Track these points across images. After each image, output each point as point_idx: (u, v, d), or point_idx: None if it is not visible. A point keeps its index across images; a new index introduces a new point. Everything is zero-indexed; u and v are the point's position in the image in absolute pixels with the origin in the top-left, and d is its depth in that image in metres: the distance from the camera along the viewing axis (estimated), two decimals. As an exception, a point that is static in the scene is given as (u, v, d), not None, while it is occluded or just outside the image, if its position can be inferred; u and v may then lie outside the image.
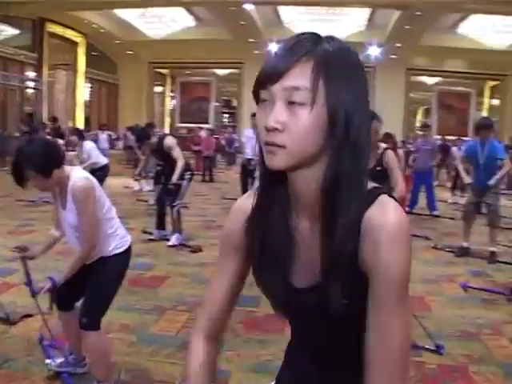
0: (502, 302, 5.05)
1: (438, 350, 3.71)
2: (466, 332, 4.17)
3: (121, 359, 3.33)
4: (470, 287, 5.35)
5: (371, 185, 0.99)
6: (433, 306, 4.68)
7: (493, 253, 6.71)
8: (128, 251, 2.92)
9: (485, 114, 26.59)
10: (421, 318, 4.27)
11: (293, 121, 0.90)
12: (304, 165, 0.95)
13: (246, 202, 1.10)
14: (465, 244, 6.95)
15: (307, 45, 0.91)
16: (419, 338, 3.85)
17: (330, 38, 0.95)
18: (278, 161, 0.92)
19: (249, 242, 1.07)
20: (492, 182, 6.46)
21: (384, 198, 0.96)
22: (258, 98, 0.97)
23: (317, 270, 0.98)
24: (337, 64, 0.91)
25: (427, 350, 3.72)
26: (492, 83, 28.60)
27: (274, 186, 1.03)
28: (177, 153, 6.59)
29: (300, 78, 0.89)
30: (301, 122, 0.90)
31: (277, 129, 0.90)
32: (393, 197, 0.98)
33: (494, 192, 6.75)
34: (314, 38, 0.93)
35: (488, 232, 6.90)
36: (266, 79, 0.92)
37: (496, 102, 28.58)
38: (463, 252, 6.87)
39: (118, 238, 2.85)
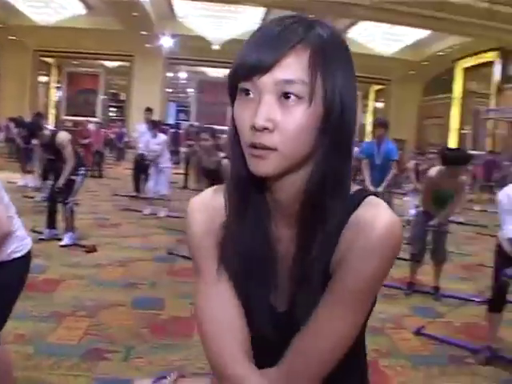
0: (401, 296, 5.30)
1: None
2: (371, 327, 4.24)
3: (20, 374, 2.95)
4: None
5: (355, 187, 0.90)
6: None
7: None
8: (28, 255, 2.62)
9: (369, 115, 28.20)
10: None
11: (285, 119, 0.77)
12: (292, 169, 0.82)
13: (213, 200, 0.94)
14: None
15: (299, 30, 0.78)
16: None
17: (321, 22, 0.82)
18: (266, 166, 0.79)
19: (226, 257, 0.91)
20: (380, 189, 6.63)
21: (372, 199, 0.87)
22: (233, 92, 0.83)
23: (287, 287, 0.90)
24: (333, 53, 0.80)
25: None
26: (377, 87, 30.22)
27: (251, 193, 0.88)
28: (68, 152, 6.16)
29: (295, 69, 0.76)
30: (295, 119, 0.77)
31: (267, 128, 0.77)
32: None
33: (388, 191, 7.03)
34: (305, 22, 0.80)
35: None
36: (251, 71, 0.77)
37: (380, 104, 30.24)
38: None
39: (17, 240, 2.55)
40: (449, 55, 22.47)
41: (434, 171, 5.23)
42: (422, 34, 21.14)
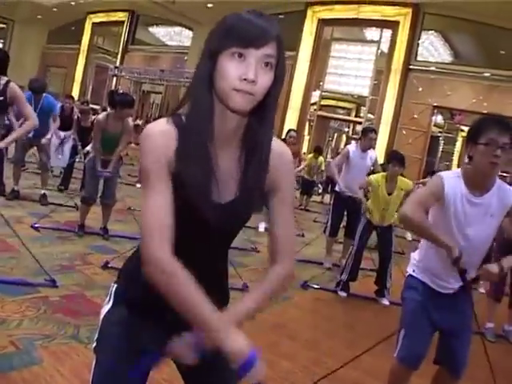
0: (75, 237, 5.58)
1: (52, 284, 3.89)
2: (63, 266, 4.46)
3: None
4: (40, 227, 5.56)
5: None
6: (18, 248, 4.66)
7: (44, 195, 7.02)
8: None
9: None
10: (12, 258, 4.33)
11: (262, 77, 1.20)
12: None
13: (166, 128, 1.25)
14: (15, 187, 6.96)
15: (276, 28, 1.23)
16: (27, 276, 3.96)
17: (275, 22, 1.26)
18: (245, 104, 1.20)
19: (180, 167, 1.23)
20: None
21: (274, 137, 1.37)
22: (218, 51, 1.20)
23: (232, 189, 1.30)
24: (283, 47, 1.25)
25: (42, 285, 3.86)
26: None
27: (208, 121, 1.26)
28: None
29: (273, 48, 1.20)
30: (267, 79, 1.21)
31: (253, 81, 1.17)
32: None
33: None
34: (274, 21, 1.25)
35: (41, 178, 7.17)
36: (251, 45, 1.18)
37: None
38: (15, 195, 6.88)
39: None
40: (81, 6, 22.40)
41: (102, 115, 5.65)
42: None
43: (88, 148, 6.48)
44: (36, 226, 5.58)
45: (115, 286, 1.43)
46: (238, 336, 1.23)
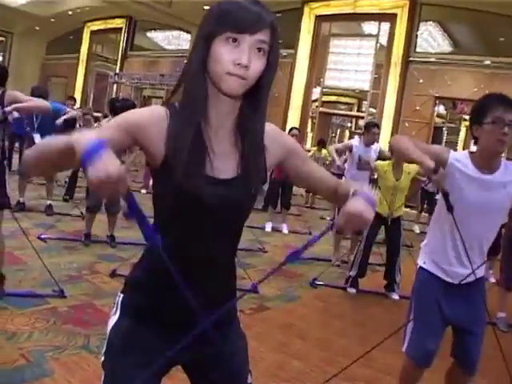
0: (82, 247, 5.58)
1: (61, 294, 3.89)
2: (71, 276, 4.47)
3: None
4: (47, 238, 5.57)
5: None
6: (26, 259, 4.68)
7: (49, 206, 7.04)
8: None
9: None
10: (20, 270, 4.34)
11: (256, 62, 1.22)
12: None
13: (160, 110, 1.28)
14: (21, 199, 6.97)
15: (270, 15, 1.25)
16: (36, 288, 3.97)
17: (269, 10, 1.27)
18: (237, 88, 1.22)
19: (171, 144, 1.24)
20: None
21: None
22: (211, 36, 1.21)
23: (231, 169, 1.31)
24: (277, 34, 1.27)
25: (51, 296, 3.87)
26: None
27: (202, 103, 1.27)
28: None
29: (266, 35, 1.23)
30: (260, 64, 1.23)
31: (247, 66, 1.19)
32: None
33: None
34: (267, 9, 1.26)
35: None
36: (246, 30, 1.19)
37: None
38: (20, 207, 6.90)
39: None
40: (79, 15, 22.42)
41: (104, 122, 5.67)
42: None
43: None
44: (42, 236, 5.59)
45: (121, 296, 1.40)
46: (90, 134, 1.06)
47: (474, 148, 2.49)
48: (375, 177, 5.64)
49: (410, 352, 2.55)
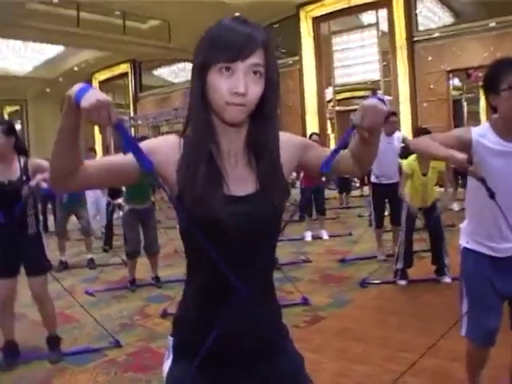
0: (128, 293, 5.64)
1: (117, 344, 3.94)
2: (123, 324, 4.53)
3: None
4: (94, 292, 5.65)
5: None
6: (78, 316, 4.74)
7: (91, 259, 7.16)
8: None
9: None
10: (74, 328, 4.41)
11: (253, 87, 1.21)
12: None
13: (175, 139, 1.31)
14: (63, 258, 7.12)
15: (261, 33, 1.22)
16: (92, 342, 4.02)
17: (260, 27, 1.26)
18: (239, 115, 1.22)
19: (181, 177, 1.25)
20: None
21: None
22: (205, 70, 1.21)
23: (249, 187, 1.29)
24: (271, 49, 1.25)
25: (107, 348, 3.92)
26: (10, 108, 28.57)
27: (208, 135, 1.28)
28: None
29: (260, 56, 1.21)
30: (258, 88, 1.22)
31: (244, 93, 1.18)
32: None
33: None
34: (259, 27, 1.25)
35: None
36: (238, 57, 1.18)
37: (17, 127, 28.73)
38: (63, 266, 7.04)
39: None
40: (85, 69, 22.99)
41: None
42: (56, 50, 21.15)
43: (119, 200, 6.58)
44: (89, 291, 5.67)
45: (171, 339, 1.38)
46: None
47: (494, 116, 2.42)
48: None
49: (471, 335, 2.48)
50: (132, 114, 22.57)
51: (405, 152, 6.00)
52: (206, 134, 1.27)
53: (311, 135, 8.57)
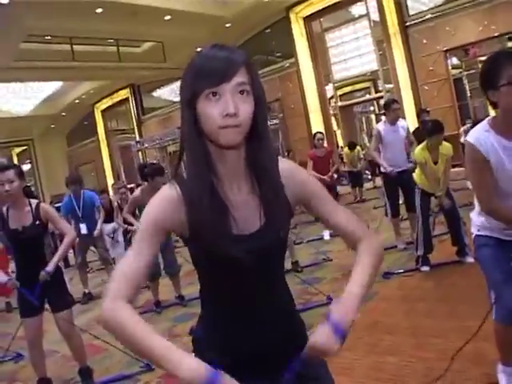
0: (155, 316, 5.68)
1: (148, 368, 3.95)
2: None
3: None
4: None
5: None
6: (107, 346, 4.74)
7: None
8: None
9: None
10: (105, 358, 4.42)
11: (243, 106, 1.21)
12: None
13: (170, 193, 1.28)
14: (86, 290, 7.14)
15: (239, 54, 1.24)
16: (123, 370, 4.03)
17: (238, 49, 1.28)
18: (235, 138, 1.22)
19: (190, 217, 1.26)
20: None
21: (281, 159, 1.39)
22: (194, 99, 1.22)
23: (255, 219, 1.29)
24: (252, 66, 1.27)
25: (139, 373, 3.93)
26: (18, 149, 28.87)
27: (206, 165, 1.27)
28: None
29: (243, 75, 1.22)
30: (248, 106, 1.22)
31: (235, 114, 1.18)
32: None
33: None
34: (235, 49, 1.27)
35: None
36: (221, 80, 1.19)
37: (27, 166, 28.95)
38: (88, 297, 7.07)
39: None
40: (86, 101, 23.26)
41: (137, 191, 5.77)
42: (55, 86, 21.44)
43: (134, 227, 6.61)
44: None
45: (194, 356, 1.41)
46: (192, 361, 1.12)
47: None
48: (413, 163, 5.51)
49: (498, 317, 2.45)
50: (138, 138, 22.69)
51: (419, 136, 5.96)
52: (202, 164, 1.26)
53: (315, 134, 8.54)
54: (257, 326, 1.33)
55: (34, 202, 3.77)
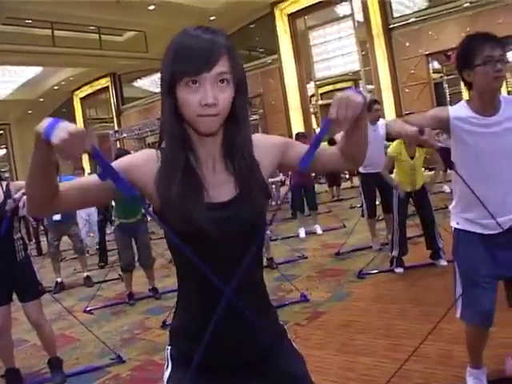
0: (128, 307, 5.61)
1: (119, 360, 3.92)
2: (125, 339, 4.50)
3: None
4: (93, 309, 5.61)
5: None
6: (78, 336, 4.71)
7: (87, 277, 7.09)
8: None
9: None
10: (75, 348, 4.38)
11: (222, 95, 1.20)
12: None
13: (152, 152, 1.30)
14: (59, 279, 7.02)
15: (224, 38, 1.22)
16: (94, 361, 3.99)
17: (222, 32, 1.25)
18: (213, 126, 1.23)
19: (161, 186, 1.25)
20: None
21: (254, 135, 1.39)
22: (172, 86, 1.21)
23: (230, 188, 1.28)
24: (235, 52, 1.25)
25: (110, 365, 3.89)
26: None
27: (184, 149, 1.28)
28: None
29: (224, 64, 1.20)
30: (227, 95, 1.22)
31: (214, 104, 1.18)
32: None
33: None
34: (219, 32, 1.24)
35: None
36: (202, 69, 1.17)
37: (2, 151, 28.46)
38: (60, 287, 6.96)
39: None
40: (65, 87, 22.93)
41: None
42: (34, 70, 21.08)
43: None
44: (88, 309, 5.62)
45: (169, 348, 1.41)
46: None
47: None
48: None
49: (467, 316, 2.48)
50: (116, 128, 22.46)
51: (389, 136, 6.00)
52: (180, 146, 1.26)
53: (297, 135, 8.59)
54: (233, 312, 1.27)
55: (3, 183, 3.72)
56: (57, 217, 6.75)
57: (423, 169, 5.32)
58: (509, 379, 2.71)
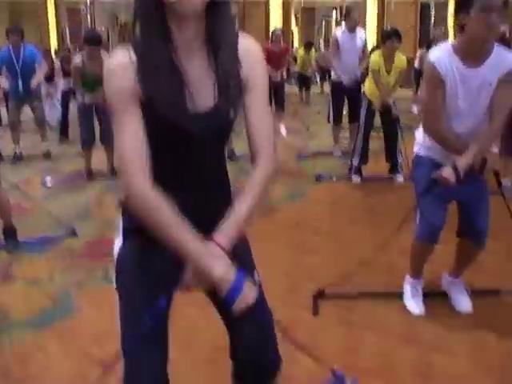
0: (85, 184, 5.63)
1: (73, 233, 4.01)
2: (80, 214, 4.56)
3: None
4: (51, 183, 5.59)
5: None
6: (34, 208, 4.70)
7: (47, 151, 6.97)
8: None
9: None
10: (30, 219, 4.39)
11: None
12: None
13: (124, 60, 1.20)
14: (17, 150, 6.86)
15: None
16: (49, 232, 4.03)
17: None
18: (193, 4, 1.13)
19: (145, 87, 1.19)
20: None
21: (243, 34, 1.31)
22: None
23: (209, 96, 1.24)
24: None
25: (64, 237, 3.97)
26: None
27: (163, 34, 1.19)
28: None
29: None
30: None
31: None
32: None
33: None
34: None
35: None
36: None
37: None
38: (18, 158, 6.81)
39: None
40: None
41: (77, 58, 5.52)
42: None
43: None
44: (45, 182, 5.60)
45: (121, 219, 1.42)
46: (222, 262, 1.19)
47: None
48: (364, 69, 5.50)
49: (420, 236, 2.61)
50: (88, 3, 21.18)
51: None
52: (161, 33, 1.18)
53: (274, 31, 8.31)
54: (200, 195, 1.34)
55: None
56: (21, 87, 6.50)
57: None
58: (442, 293, 2.89)
